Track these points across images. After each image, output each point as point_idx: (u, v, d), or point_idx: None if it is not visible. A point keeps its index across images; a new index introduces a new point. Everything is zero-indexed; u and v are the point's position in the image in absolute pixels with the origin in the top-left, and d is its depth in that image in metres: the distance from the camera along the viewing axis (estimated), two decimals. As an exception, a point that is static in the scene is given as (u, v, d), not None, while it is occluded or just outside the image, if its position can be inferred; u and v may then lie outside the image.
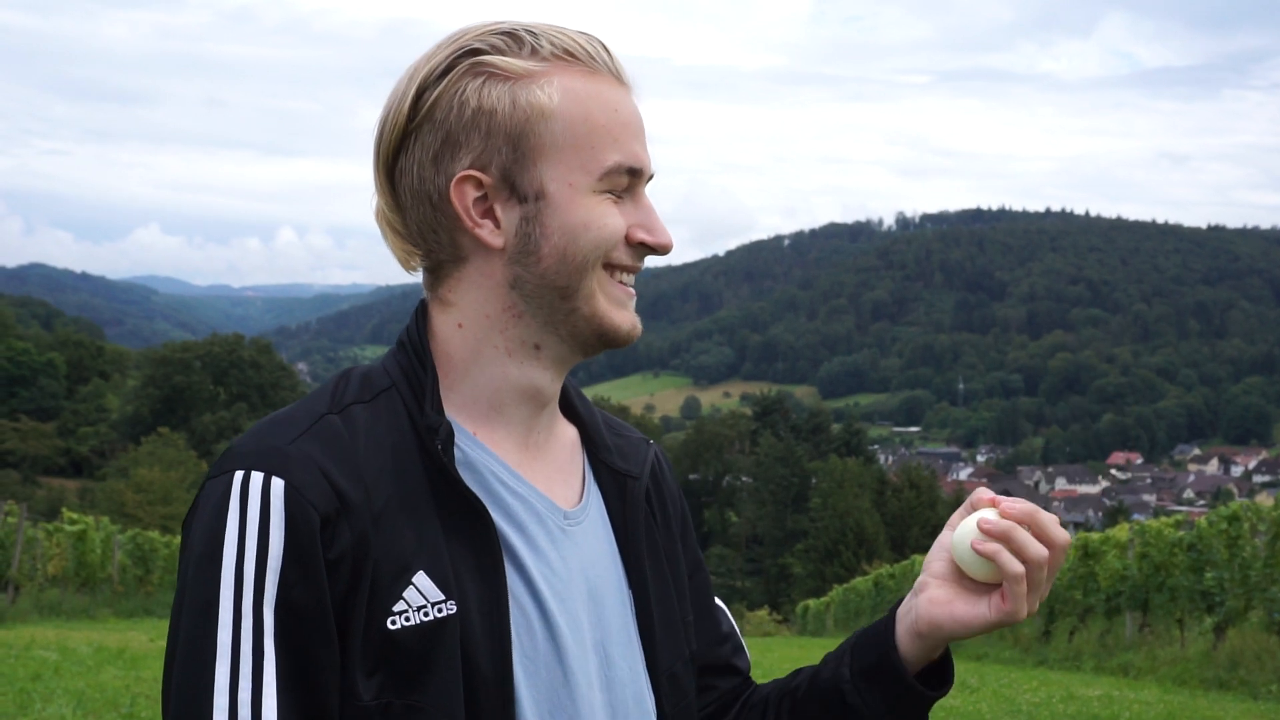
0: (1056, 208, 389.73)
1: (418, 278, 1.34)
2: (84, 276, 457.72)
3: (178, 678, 1.13)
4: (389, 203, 1.30)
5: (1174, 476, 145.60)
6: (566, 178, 1.25)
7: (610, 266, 1.29)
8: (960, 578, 1.31)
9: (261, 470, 1.16)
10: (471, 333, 1.29)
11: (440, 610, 1.18)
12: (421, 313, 1.33)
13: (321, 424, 1.21)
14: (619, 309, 1.30)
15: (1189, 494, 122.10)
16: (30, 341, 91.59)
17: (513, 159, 1.24)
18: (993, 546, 1.25)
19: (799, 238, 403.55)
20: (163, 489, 58.09)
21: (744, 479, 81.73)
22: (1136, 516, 58.76)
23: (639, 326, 1.33)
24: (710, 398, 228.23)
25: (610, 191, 1.27)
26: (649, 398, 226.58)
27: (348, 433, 1.21)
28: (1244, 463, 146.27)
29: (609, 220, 1.26)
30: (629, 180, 1.28)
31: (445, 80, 1.24)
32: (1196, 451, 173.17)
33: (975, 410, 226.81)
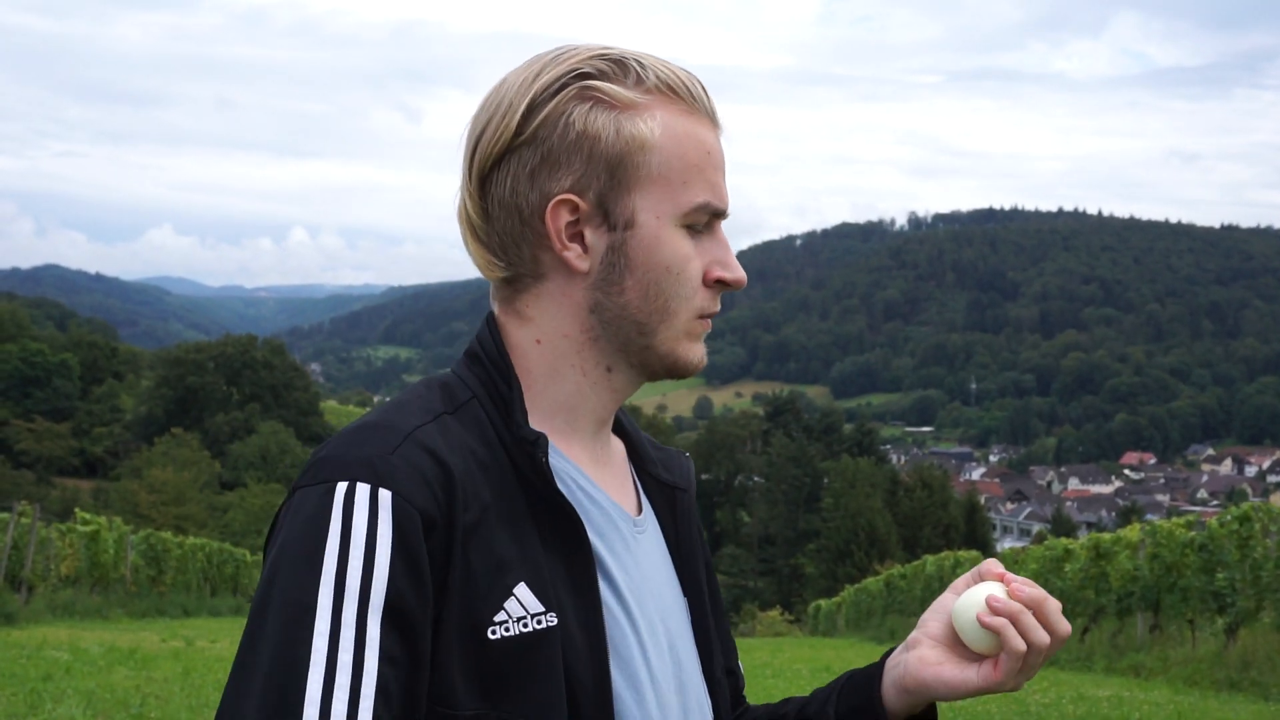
0: (1069, 207, 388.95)
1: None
2: (97, 277, 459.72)
3: (263, 684, 1.07)
4: (477, 209, 1.31)
5: (1187, 477, 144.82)
6: (655, 209, 1.28)
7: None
8: (954, 643, 1.32)
9: (367, 481, 1.14)
10: (549, 350, 1.31)
11: (540, 622, 1.18)
12: (493, 324, 1.34)
13: (420, 433, 1.20)
14: (693, 344, 1.34)
15: (1202, 494, 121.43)
16: (44, 342, 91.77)
17: (609, 186, 1.27)
18: (1000, 621, 1.26)
19: (811, 237, 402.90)
20: (176, 489, 58.24)
21: (756, 479, 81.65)
22: (1150, 517, 58.59)
23: (705, 358, 1.36)
24: (722, 397, 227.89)
25: (691, 226, 1.30)
26: (661, 397, 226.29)
27: (444, 443, 1.20)
28: (1258, 463, 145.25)
29: (690, 266, 1.30)
30: (709, 218, 1.31)
31: (554, 101, 1.26)
32: (1210, 451, 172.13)
33: (988, 410, 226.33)
